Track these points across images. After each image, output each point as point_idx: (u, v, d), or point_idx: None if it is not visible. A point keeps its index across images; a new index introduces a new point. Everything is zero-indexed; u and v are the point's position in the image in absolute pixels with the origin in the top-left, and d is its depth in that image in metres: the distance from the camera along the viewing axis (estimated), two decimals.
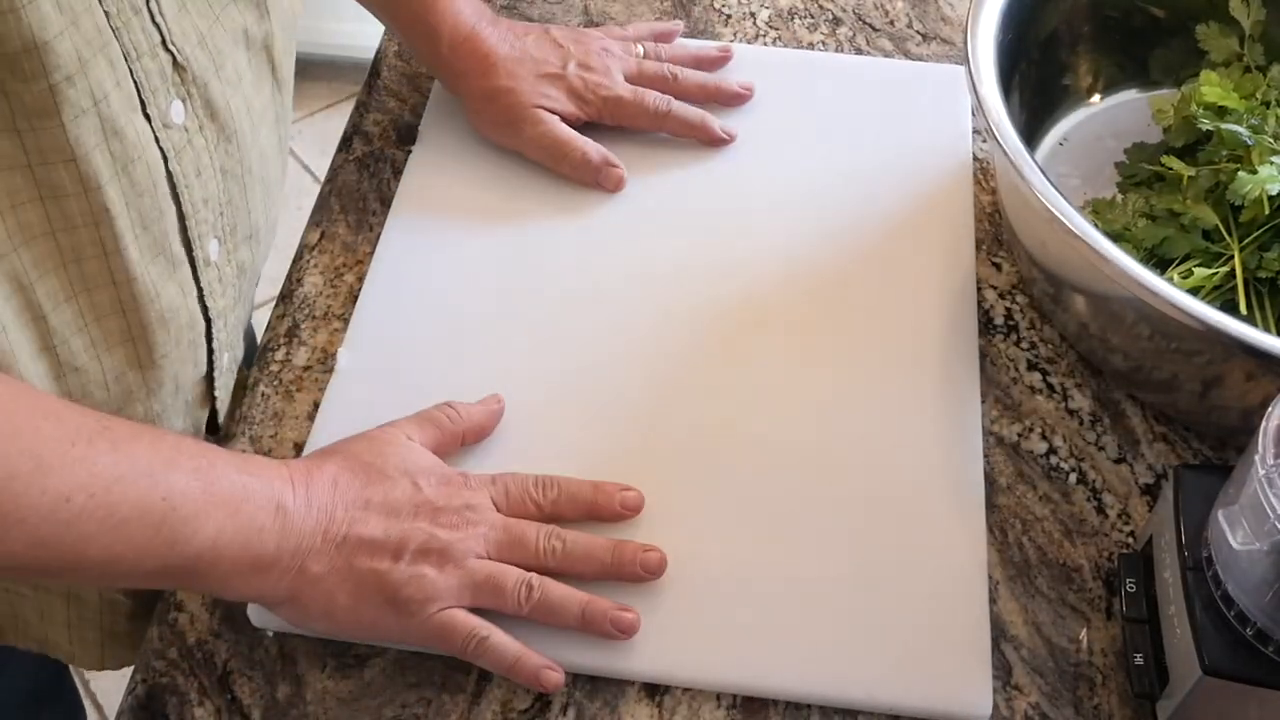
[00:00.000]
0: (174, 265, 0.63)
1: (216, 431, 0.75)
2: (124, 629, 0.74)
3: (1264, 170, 0.69)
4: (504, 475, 0.65)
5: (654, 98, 0.83)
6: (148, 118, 0.59)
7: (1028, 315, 0.77)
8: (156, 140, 0.59)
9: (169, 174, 0.61)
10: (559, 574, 0.63)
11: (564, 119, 0.82)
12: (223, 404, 0.74)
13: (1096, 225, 0.63)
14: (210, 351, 0.70)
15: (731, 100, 0.86)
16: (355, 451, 0.63)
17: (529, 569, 0.62)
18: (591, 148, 0.81)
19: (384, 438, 0.65)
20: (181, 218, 0.63)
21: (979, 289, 0.78)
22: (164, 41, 0.59)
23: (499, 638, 0.61)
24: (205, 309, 0.67)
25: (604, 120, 0.83)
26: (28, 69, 0.51)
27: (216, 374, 0.71)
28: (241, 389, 0.74)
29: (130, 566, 0.55)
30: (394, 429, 0.66)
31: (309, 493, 0.60)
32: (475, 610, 0.61)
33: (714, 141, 0.84)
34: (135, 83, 0.57)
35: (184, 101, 0.61)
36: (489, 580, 0.61)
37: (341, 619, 0.60)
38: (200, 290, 0.66)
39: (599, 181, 0.81)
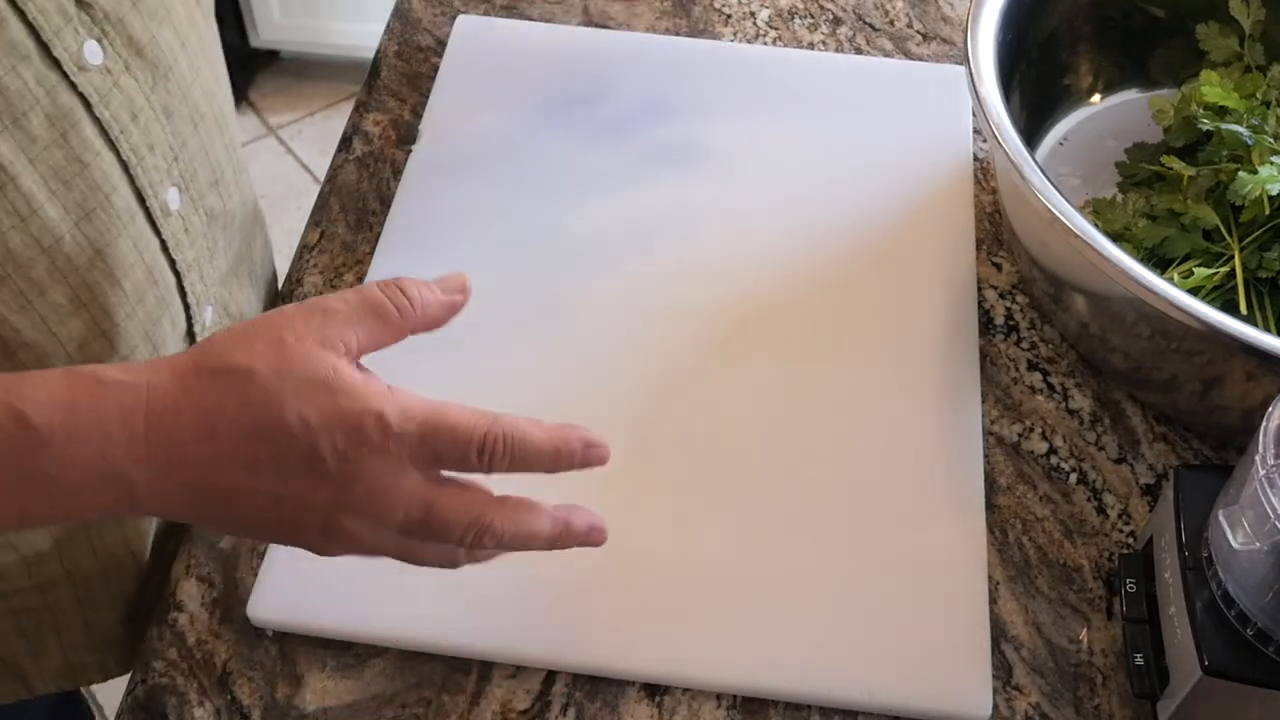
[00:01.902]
0: (121, 220, 0.59)
1: None
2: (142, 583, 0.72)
3: (1264, 170, 0.69)
4: (437, 433, 0.49)
5: None
6: (55, 61, 0.55)
7: (1028, 315, 0.77)
8: (73, 86, 0.56)
9: (97, 120, 0.57)
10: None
11: None
12: None
13: (1096, 225, 0.63)
14: (187, 307, 0.66)
15: None
16: (253, 371, 0.47)
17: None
18: None
19: (297, 346, 0.48)
20: (125, 166, 0.59)
21: (979, 289, 0.78)
22: None
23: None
24: (173, 262, 0.64)
25: None
26: None
27: (198, 329, 0.68)
28: None
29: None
30: (323, 320, 0.49)
31: (168, 454, 0.47)
32: None
33: None
34: (31, 26, 0.53)
35: (100, 41, 0.57)
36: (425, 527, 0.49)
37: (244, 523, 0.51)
38: (163, 242, 0.63)
39: None
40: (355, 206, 0.83)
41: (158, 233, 0.63)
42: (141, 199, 0.61)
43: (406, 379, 0.72)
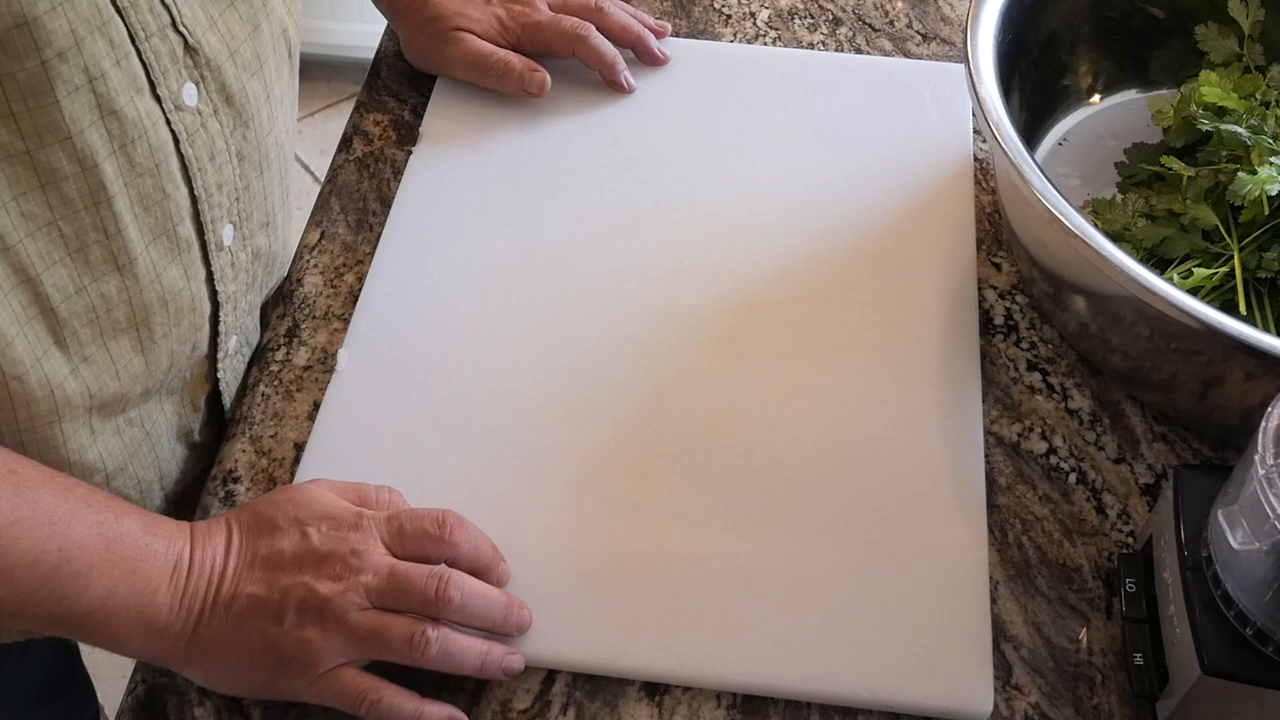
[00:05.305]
0: (179, 248, 0.63)
1: (223, 415, 0.75)
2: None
3: (1263, 170, 0.69)
4: (401, 513, 0.62)
5: (571, 22, 0.85)
6: (158, 99, 0.59)
7: (1028, 315, 0.77)
8: (168, 122, 0.60)
9: (181, 156, 0.61)
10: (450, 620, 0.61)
11: (484, 40, 0.85)
12: (228, 385, 0.73)
13: (1096, 225, 0.63)
14: (216, 334, 0.70)
15: (647, 56, 0.88)
16: (257, 505, 0.62)
17: (421, 613, 0.60)
18: (513, 56, 0.84)
19: (293, 488, 0.63)
20: (194, 201, 0.63)
21: (979, 289, 0.78)
22: (174, 23, 0.59)
23: (392, 697, 0.59)
24: (215, 293, 0.68)
25: (524, 47, 0.86)
26: (19, 45, 0.51)
27: (221, 355, 0.71)
28: (243, 387, 0.74)
29: (14, 609, 0.55)
30: (311, 481, 0.63)
31: (204, 553, 0.59)
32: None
33: (617, 85, 0.87)
34: (143, 63, 0.57)
35: (197, 85, 0.61)
36: (372, 635, 0.59)
37: (236, 682, 0.60)
38: (211, 274, 0.67)
39: (525, 88, 0.84)
40: (355, 206, 0.83)
41: (207, 264, 0.66)
42: (201, 232, 0.65)
43: (408, 379, 0.73)
